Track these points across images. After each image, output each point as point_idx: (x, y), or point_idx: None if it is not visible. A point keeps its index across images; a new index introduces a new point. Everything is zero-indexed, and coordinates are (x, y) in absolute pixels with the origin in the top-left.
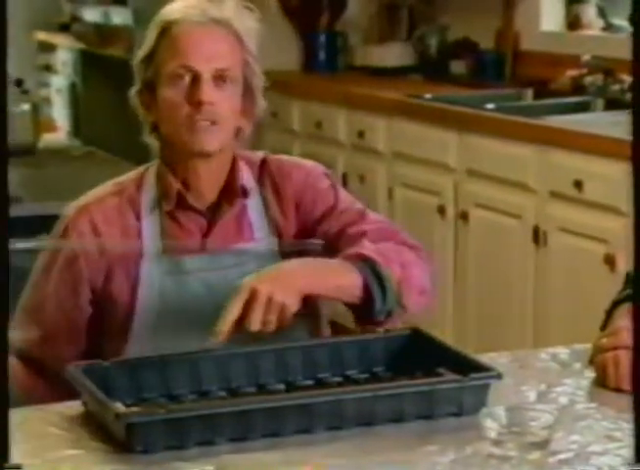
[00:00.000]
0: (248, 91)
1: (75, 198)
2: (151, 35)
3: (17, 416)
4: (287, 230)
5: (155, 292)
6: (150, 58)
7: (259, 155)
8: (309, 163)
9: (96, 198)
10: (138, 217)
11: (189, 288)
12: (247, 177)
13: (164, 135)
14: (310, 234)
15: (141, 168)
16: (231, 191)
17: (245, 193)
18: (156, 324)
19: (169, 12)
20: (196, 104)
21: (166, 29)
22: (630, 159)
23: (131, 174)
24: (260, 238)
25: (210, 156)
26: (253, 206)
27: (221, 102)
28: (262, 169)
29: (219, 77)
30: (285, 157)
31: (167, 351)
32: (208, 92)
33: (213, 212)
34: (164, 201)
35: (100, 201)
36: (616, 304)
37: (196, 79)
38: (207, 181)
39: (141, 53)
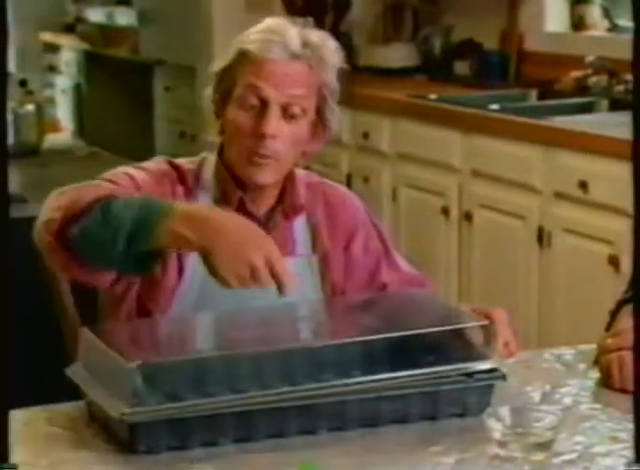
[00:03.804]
0: (319, 121)
1: None
2: (230, 50)
3: (21, 417)
4: (334, 256)
5: (196, 288)
6: (224, 74)
7: (303, 172)
8: (350, 192)
9: (172, 171)
10: None
11: (229, 291)
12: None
13: (226, 154)
14: (362, 275)
15: (195, 160)
16: (288, 206)
17: (301, 210)
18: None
19: (250, 40)
20: (259, 136)
21: (243, 55)
22: (631, 158)
23: (186, 163)
24: (301, 255)
25: (264, 187)
26: (299, 222)
27: (285, 136)
28: (314, 189)
29: (288, 109)
30: (329, 181)
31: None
32: (274, 124)
33: (266, 222)
34: (223, 204)
35: (172, 177)
36: (620, 304)
37: (264, 108)
38: (265, 193)
39: (219, 63)
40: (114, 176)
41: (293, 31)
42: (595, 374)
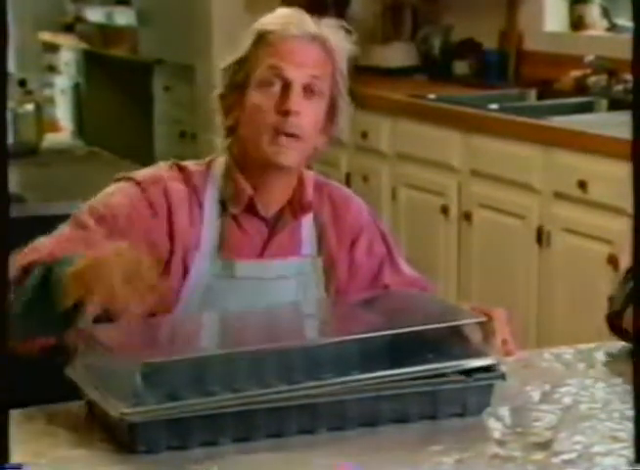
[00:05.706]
0: (331, 109)
1: (79, 198)
2: (245, 41)
3: (21, 416)
4: (338, 257)
5: (201, 289)
6: (242, 62)
7: (310, 172)
8: (355, 194)
9: (169, 176)
10: (201, 211)
11: (234, 292)
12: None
13: (244, 140)
14: (364, 277)
15: (204, 160)
16: (297, 204)
17: (309, 208)
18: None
19: (268, 22)
20: (283, 113)
21: (262, 37)
22: (631, 158)
23: (193, 165)
24: (307, 255)
25: (285, 169)
26: (306, 222)
27: (307, 113)
28: (320, 191)
29: (308, 88)
30: (334, 182)
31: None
32: (297, 101)
33: (275, 222)
34: (232, 203)
35: (172, 179)
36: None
37: (286, 87)
38: (277, 192)
39: (232, 57)
40: (82, 215)
41: (305, 18)
42: (595, 373)
